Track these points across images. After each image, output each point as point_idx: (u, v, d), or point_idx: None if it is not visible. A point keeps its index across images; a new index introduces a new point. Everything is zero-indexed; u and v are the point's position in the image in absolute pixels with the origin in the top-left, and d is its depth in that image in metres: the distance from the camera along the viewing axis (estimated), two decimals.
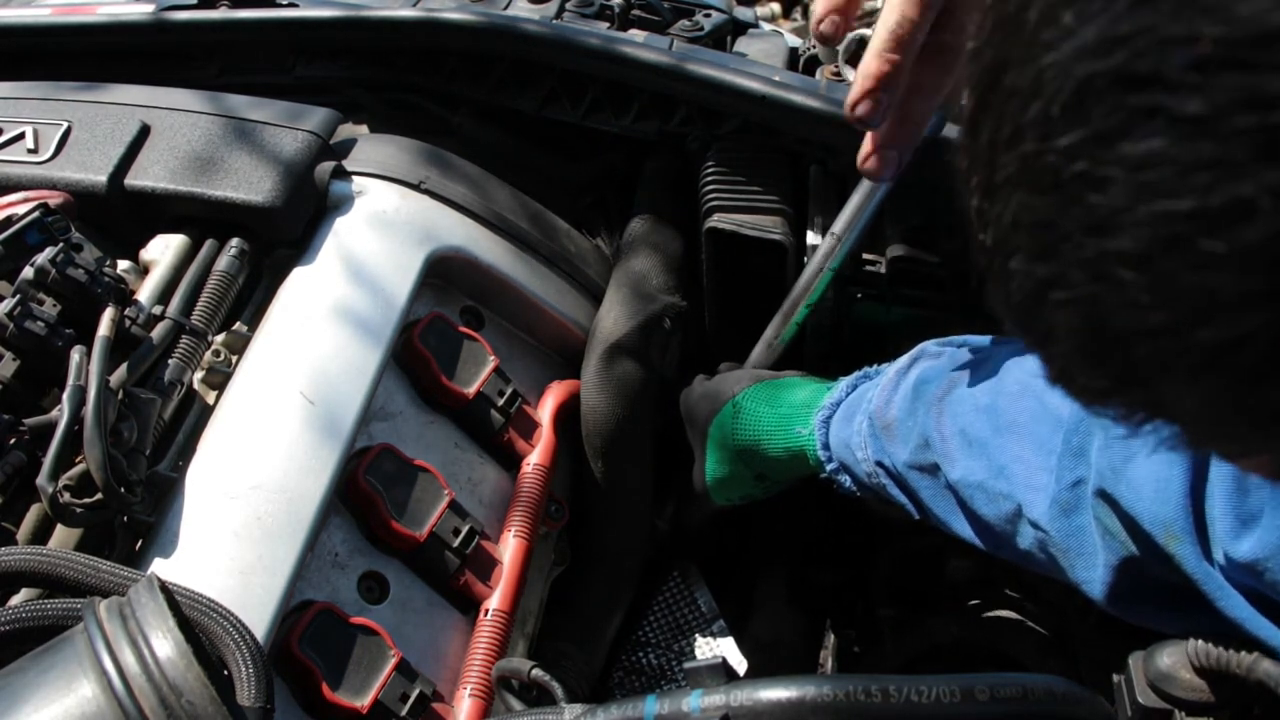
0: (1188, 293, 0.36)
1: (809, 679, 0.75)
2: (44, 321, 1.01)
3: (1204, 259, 0.35)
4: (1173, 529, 0.74)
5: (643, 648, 1.39)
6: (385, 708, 1.00)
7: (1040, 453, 0.86)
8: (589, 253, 1.47)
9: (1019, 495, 0.88)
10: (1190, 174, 0.35)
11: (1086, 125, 0.37)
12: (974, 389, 0.95)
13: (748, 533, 1.49)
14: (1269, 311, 0.35)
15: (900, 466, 1.00)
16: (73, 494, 0.94)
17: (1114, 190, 0.37)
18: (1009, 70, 0.39)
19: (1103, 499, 0.80)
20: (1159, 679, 0.75)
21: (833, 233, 1.19)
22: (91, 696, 0.73)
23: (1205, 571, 0.74)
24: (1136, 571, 0.81)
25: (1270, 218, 0.34)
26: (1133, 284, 0.37)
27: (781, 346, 1.30)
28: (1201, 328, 0.36)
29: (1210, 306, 0.36)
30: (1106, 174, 0.37)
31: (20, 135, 1.25)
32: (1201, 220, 0.35)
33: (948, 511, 0.98)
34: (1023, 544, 0.90)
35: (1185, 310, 0.37)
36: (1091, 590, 0.85)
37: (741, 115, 1.38)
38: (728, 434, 1.20)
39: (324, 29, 1.50)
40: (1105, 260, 0.38)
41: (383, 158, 1.33)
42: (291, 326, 1.15)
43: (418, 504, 1.12)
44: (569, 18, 1.47)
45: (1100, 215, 0.37)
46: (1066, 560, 0.86)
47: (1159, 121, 0.35)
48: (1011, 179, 0.40)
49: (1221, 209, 0.35)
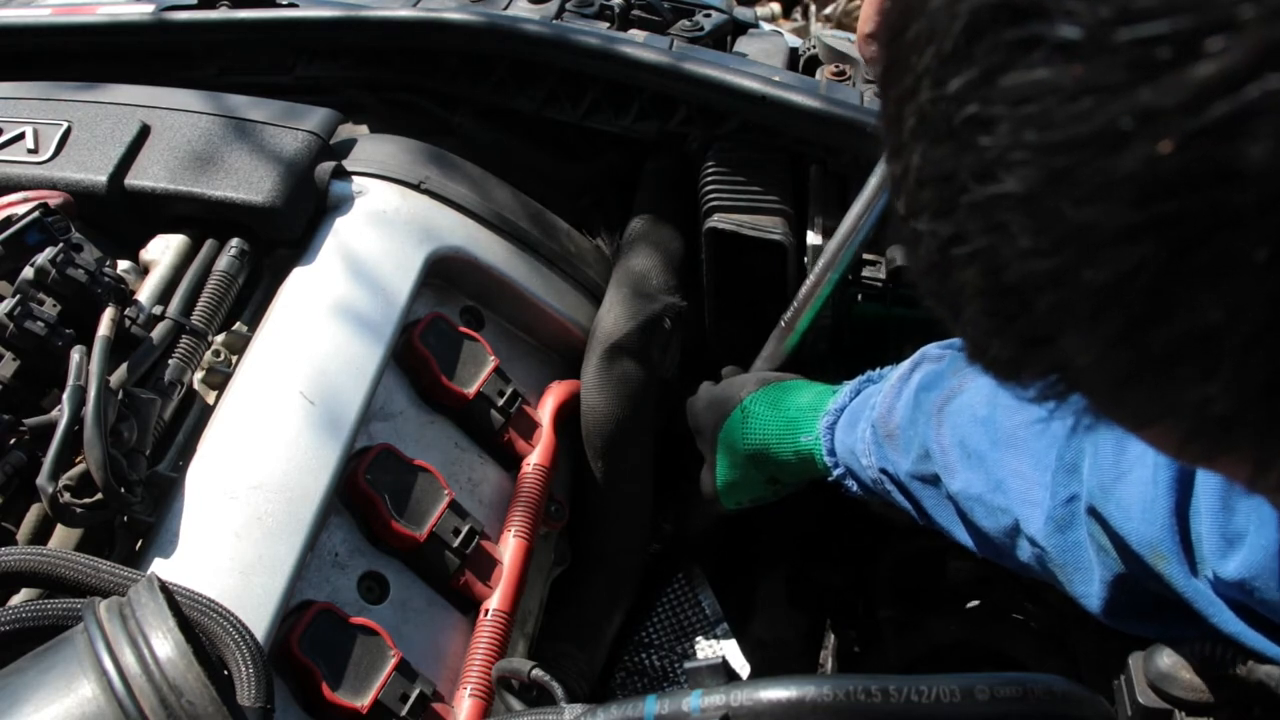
0: (1073, 231, 0.35)
1: (809, 679, 0.75)
2: (44, 321, 1.01)
3: (1084, 193, 0.34)
4: (1159, 549, 0.74)
5: (646, 649, 1.39)
6: (385, 708, 1.00)
7: (1037, 468, 0.86)
8: (589, 253, 1.47)
9: (1016, 510, 0.88)
10: (1068, 101, 0.34)
11: (972, 65, 0.36)
12: (972, 399, 0.95)
13: (749, 534, 1.49)
14: (1148, 245, 0.33)
15: (903, 476, 1.00)
16: (73, 494, 0.94)
17: (1000, 129, 0.35)
18: (911, 22, 0.38)
19: (1094, 517, 0.80)
20: (1159, 679, 0.75)
21: (835, 240, 1.19)
22: (91, 696, 0.73)
23: (1195, 589, 0.74)
24: (1131, 587, 0.81)
25: (1142, 143, 0.32)
26: (1022, 228, 0.36)
27: (785, 355, 1.30)
28: (1086, 268, 0.35)
29: (1093, 244, 0.34)
30: (993, 113, 0.35)
31: (20, 135, 1.25)
32: (1079, 150, 0.34)
33: (949, 521, 0.98)
34: (1022, 557, 0.90)
35: (1072, 251, 0.35)
36: (1089, 604, 0.85)
37: (741, 115, 1.38)
38: (737, 440, 1.20)
39: (324, 29, 1.50)
40: (996, 205, 0.36)
41: (383, 158, 1.33)
42: (291, 326, 1.15)
43: (418, 504, 1.12)
44: (569, 18, 1.47)
45: (989, 157, 0.36)
46: (1064, 575, 0.86)
47: (1040, 52, 0.34)
48: (913, 132, 0.39)
49: (1097, 135, 0.33)
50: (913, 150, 0.39)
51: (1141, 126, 0.32)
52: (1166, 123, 0.32)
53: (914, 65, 0.38)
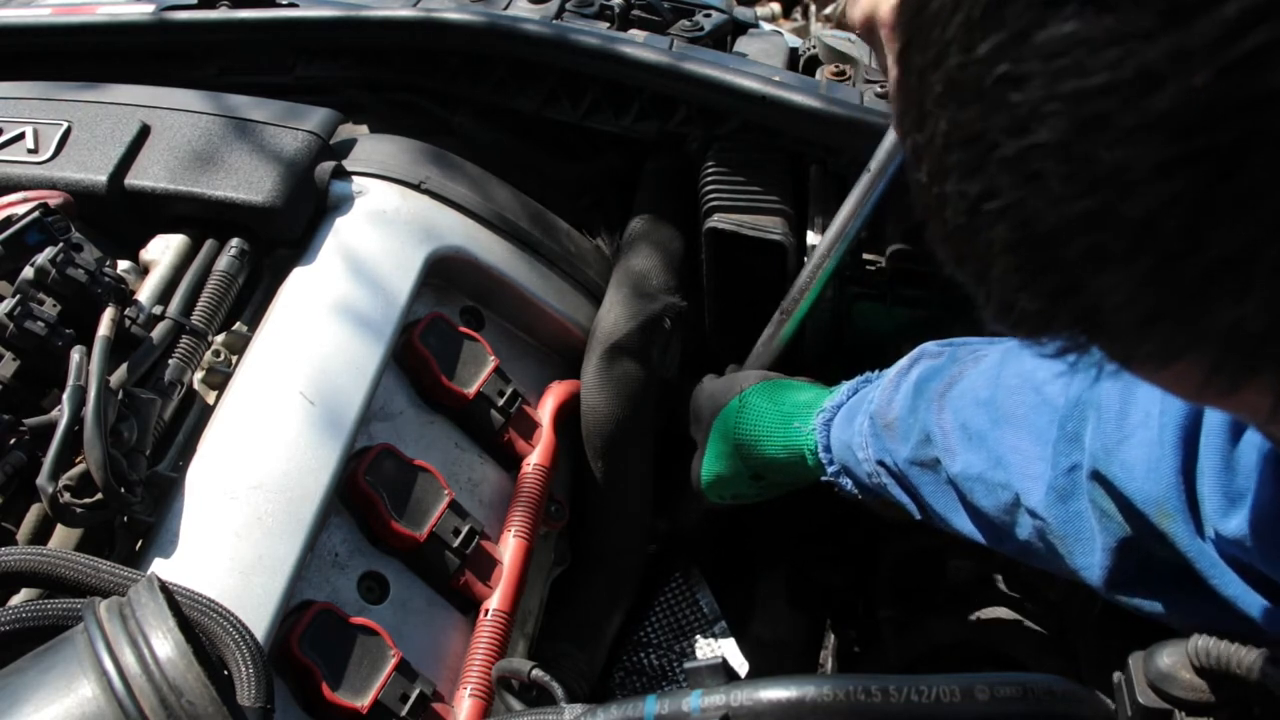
0: (1107, 172, 0.37)
1: (809, 679, 0.76)
2: (44, 321, 1.01)
3: (1118, 134, 0.36)
4: (1165, 507, 0.75)
5: (644, 648, 1.39)
6: (385, 708, 1.00)
7: (1037, 443, 0.87)
8: (589, 253, 1.47)
9: (1016, 484, 0.89)
10: (1100, 50, 0.36)
11: (1003, 27, 0.38)
12: (974, 384, 0.96)
13: (749, 533, 1.49)
14: (1184, 179, 0.36)
15: (901, 463, 1.00)
16: (73, 494, 0.94)
17: (1032, 84, 0.38)
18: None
19: (1097, 481, 0.81)
20: (1159, 679, 0.75)
21: (831, 229, 1.19)
22: (91, 696, 0.73)
23: (1199, 548, 0.75)
24: (1133, 554, 0.81)
25: (1176, 82, 0.35)
26: (1055, 175, 0.38)
27: (781, 345, 1.30)
28: (1123, 204, 0.37)
29: (1130, 181, 0.37)
30: (1025, 70, 0.38)
31: (20, 135, 1.25)
32: (1113, 94, 0.36)
33: (948, 508, 0.98)
34: (1022, 534, 0.91)
35: (1107, 191, 0.37)
36: (1090, 576, 0.85)
37: (741, 115, 1.38)
38: (730, 428, 1.21)
39: (324, 29, 1.50)
40: (1028, 156, 0.38)
41: (383, 158, 1.33)
42: (292, 326, 1.15)
43: (418, 504, 1.12)
44: (569, 18, 1.47)
45: (1021, 113, 0.38)
46: (1064, 547, 0.87)
47: (1071, 6, 0.36)
48: (939, 99, 0.41)
49: (1132, 79, 0.36)
50: (939, 116, 0.41)
51: (1174, 66, 0.35)
52: (1199, 60, 0.34)
53: (938, 36, 0.40)
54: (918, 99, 0.42)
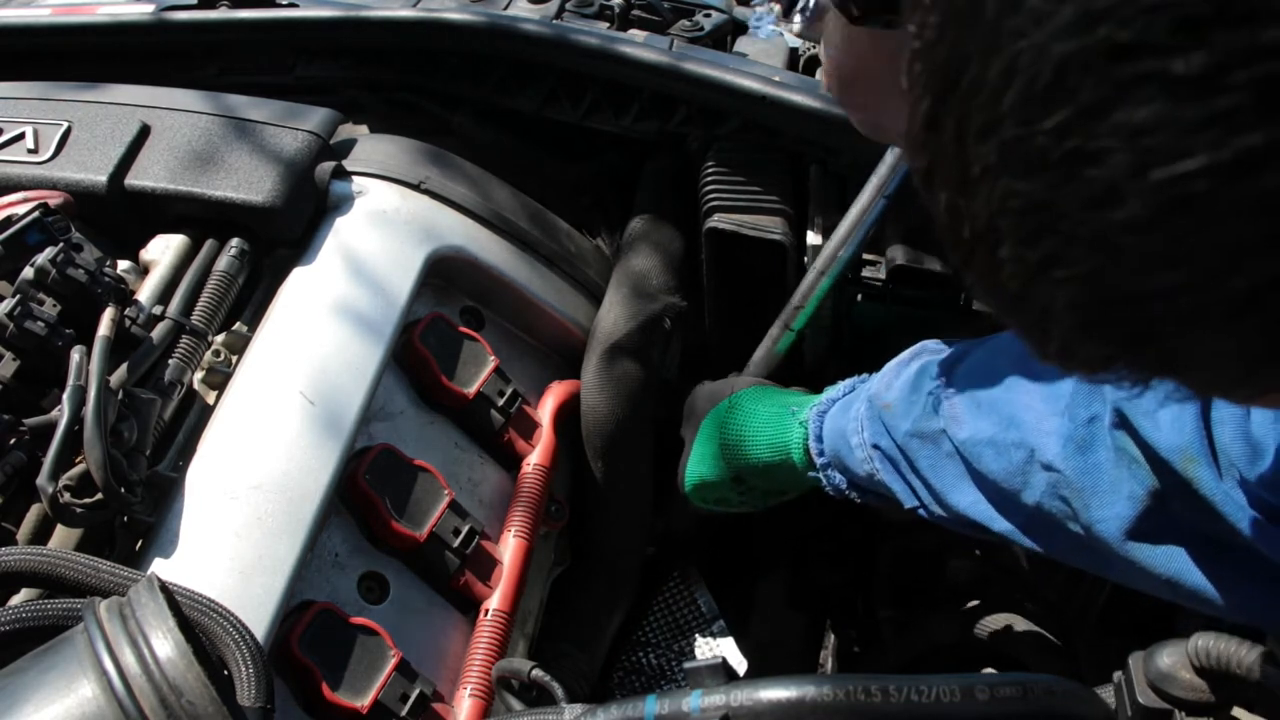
0: (1206, 247, 0.37)
1: (809, 679, 0.75)
2: (44, 321, 1.01)
3: (1222, 212, 0.36)
4: (1189, 452, 0.76)
5: (643, 648, 1.39)
6: (385, 708, 1.00)
7: (1050, 399, 0.88)
8: (589, 253, 1.47)
9: (1031, 441, 0.89)
10: (1195, 133, 0.35)
11: (1073, 102, 0.37)
12: (979, 358, 0.97)
13: (748, 534, 1.49)
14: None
15: (900, 438, 1.01)
16: (73, 494, 0.94)
17: (1113, 161, 0.37)
18: (970, 63, 0.40)
19: (1125, 428, 0.82)
20: (1159, 679, 0.75)
21: (832, 241, 1.19)
22: (91, 696, 0.73)
23: (1224, 493, 0.75)
24: (1158, 505, 0.82)
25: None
26: (1142, 249, 0.38)
27: (780, 355, 1.30)
28: (1232, 276, 0.37)
29: (1237, 254, 0.37)
30: (1102, 146, 0.37)
31: (20, 135, 1.25)
32: (1215, 176, 0.36)
33: (947, 482, 0.98)
34: (1032, 496, 0.91)
35: (1207, 264, 0.37)
36: (1106, 530, 0.85)
37: (741, 115, 1.38)
38: (718, 427, 1.20)
39: (324, 29, 1.50)
40: (1109, 231, 0.38)
41: (383, 158, 1.33)
42: (291, 326, 1.15)
43: (418, 504, 1.12)
44: (569, 18, 1.47)
45: (1099, 188, 0.38)
46: (1081, 500, 0.87)
47: (1152, 87, 0.36)
48: (992, 168, 0.41)
49: (1234, 161, 0.35)
50: (992, 184, 0.41)
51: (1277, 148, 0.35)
52: None
53: (984, 104, 0.40)
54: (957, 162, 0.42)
